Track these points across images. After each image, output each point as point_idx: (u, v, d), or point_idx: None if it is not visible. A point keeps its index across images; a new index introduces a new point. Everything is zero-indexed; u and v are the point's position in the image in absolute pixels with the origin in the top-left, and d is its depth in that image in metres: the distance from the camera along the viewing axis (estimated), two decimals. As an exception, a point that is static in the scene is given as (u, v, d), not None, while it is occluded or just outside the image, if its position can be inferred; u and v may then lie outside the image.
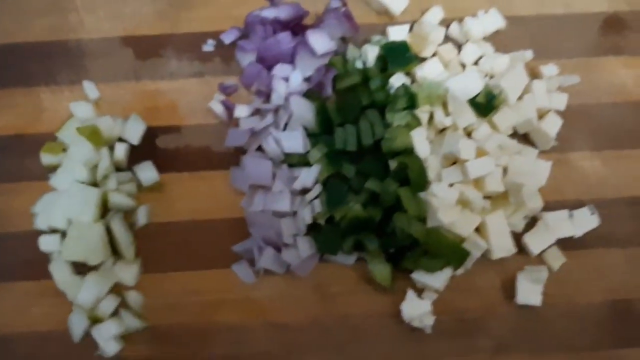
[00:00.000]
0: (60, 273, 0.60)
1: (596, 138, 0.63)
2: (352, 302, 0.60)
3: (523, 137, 0.63)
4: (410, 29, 0.65)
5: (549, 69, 0.63)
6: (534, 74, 0.64)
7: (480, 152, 0.58)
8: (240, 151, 0.63)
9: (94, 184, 0.61)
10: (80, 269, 0.60)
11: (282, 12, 0.64)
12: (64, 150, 0.62)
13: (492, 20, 0.64)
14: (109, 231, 0.61)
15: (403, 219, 0.58)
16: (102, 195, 0.61)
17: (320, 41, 0.61)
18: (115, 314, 0.60)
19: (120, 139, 0.63)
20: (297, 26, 0.64)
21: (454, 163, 0.60)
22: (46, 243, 0.60)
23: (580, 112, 0.63)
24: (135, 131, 0.63)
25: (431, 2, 0.66)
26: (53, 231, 0.61)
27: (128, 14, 0.66)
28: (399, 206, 0.58)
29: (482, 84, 0.60)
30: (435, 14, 0.65)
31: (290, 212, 0.60)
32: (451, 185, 0.59)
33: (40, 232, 0.61)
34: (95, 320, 0.60)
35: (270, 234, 0.60)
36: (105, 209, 0.61)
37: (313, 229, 0.60)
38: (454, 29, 0.65)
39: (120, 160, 0.62)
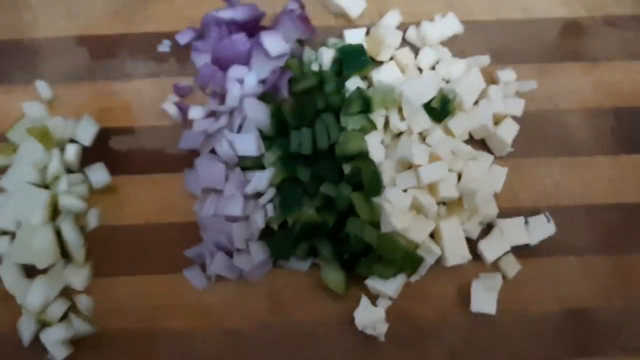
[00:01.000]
0: (9, 276, 0.59)
1: (553, 145, 0.62)
2: (305, 309, 0.59)
3: (479, 143, 0.62)
4: (368, 32, 0.64)
5: (506, 74, 0.63)
6: (491, 80, 0.63)
7: (434, 157, 0.58)
8: (195, 154, 0.62)
9: (45, 185, 0.60)
10: (31, 271, 0.59)
11: (238, 13, 0.63)
12: (14, 151, 0.61)
13: (449, 25, 0.64)
14: (59, 234, 0.60)
15: (356, 224, 0.57)
16: (52, 197, 0.59)
17: (275, 43, 0.61)
18: (64, 318, 0.59)
19: (72, 140, 0.62)
20: (253, 28, 0.64)
21: (409, 168, 0.59)
22: (-6, 245, 0.60)
23: (537, 118, 0.63)
24: (87, 132, 0.62)
25: (389, 5, 0.65)
26: (2, 233, 0.60)
27: (83, 13, 0.65)
28: (353, 211, 0.58)
29: (437, 89, 0.59)
30: (392, 18, 0.64)
31: (242, 216, 0.59)
32: (405, 190, 0.58)
33: (-12, 234, 0.60)
34: (44, 324, 0.58)
35: (222, 238, 0.59)
36: (55, 211, 0.60)
37: (266, 234, 0.59)
38: (412, 33, 0.64)
39: (71, 162, 0.61)
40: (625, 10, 0.65)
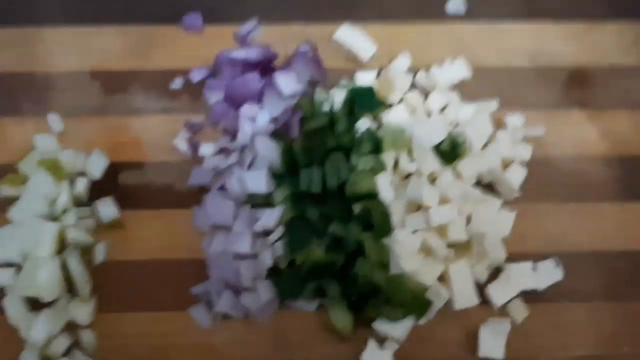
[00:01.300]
0: (14, 308, 0.58)
1: (560, 190, 0.63)
2: (311, 350, 0.59)
3: (487, 187, 0.63)
4: (378, 75, 0.65)
5: (514, 120, 0.63)
6: (499, 124, 0.64)
7: (444, 200, 0.58)
8: (204, 190, 0.62)
9: (53, 218, 0.60)
10: (35, 305, 0.58)
11: (251, 54, 0.64)
12: (24, 182, 0.61)
13: (458, 70, 0.65)
14: (65, 267, 0.59)
15: (365, 265, 0.57)
16: (60, 230, 0.59)
17: (288, 83, 0.62)
18: (67, 353, 0.58)
19: (82, 174, 0.62)
20: (266, 67, 0.64)
21: (419, 209, 0.59)
22: (0, 277, 0.59)
23: (544, 163, 0.63)
24: (97, 166, 0.62)
25: (399, 49, 0.66)
26: (8, 265, 0.59)
27: (97, 49, 0.65)
28: (362, 251, 0.58)
29: (447, 132, 0.60)
30: (402, 62, 0.65)
31: (250, 254, 0.59)
32: (414, 232, 0.58)
33: (-6, 266, 0.59)
34: (47, 359, 0.58)
35: (230, 276, 0.58)
36: (62, 244, 0.60)
37: (274, 273, 0.59)
38: (421, 77, 0.65)
39: (81, 195, 0.61)
40: (630, 60, 0.67)
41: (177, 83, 0.65)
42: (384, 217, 0.58)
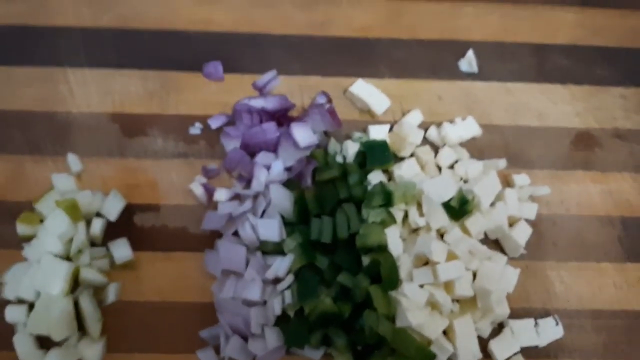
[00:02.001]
0: (24, 346, 0.59)
1: (563, 249, 0.64)
2: (316, 397, 0.60)
3: (494, 243, 0.64)
4: (391, 129, 0.67)
5: (521, 179, 0.65)
6: (506, 182, 0.66)
7: (451, 255, 0.60)
8: (216, 235, 0.63)
9: (67, 257, 0.61)
10: (45, 342, 0.59)
11: (269, 103, 0.66)
12: (41, 221, 0.62)
13: (468, 127, 0.67)
14: (77, 306, 0.60)
15: (372, 316, 0.58)
16: (73, 269, 0.60)
17: (304, 134, 0.63)
18: (75, 392, 0.59)
19: (98, 214, 0.64)
20: (282, 117, 0.66)
21: (426, 263, 0.61)
22: (12, 314, 0.60)
23: (549, 222, 0.65)
24: (113, 207, 0.63)
25: (412, 105, 0.68)
26: (20, 302, 0.60)
27: (118, 91, 0.67)
28: (369, 303, 0.59)
29: (456, 188, 0.62)
30: (415, 117, 0.67)
31: (260, 301, 0.60)
32: (421, 286, 0.59)
33: (8, 302, 0.60)
34: (54, 398, 0.58)
35: (238, 322, 0.59)
36: (75, 283, 0.61)
37: (281, 320, 0.60)
38: (432, 132, 0.67)
39: (96, 236, 0.62)
40: (633, 124, 0.69)
41: (195, 128, 0.66)
42: (392, 270, 0.59)
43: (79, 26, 0.68)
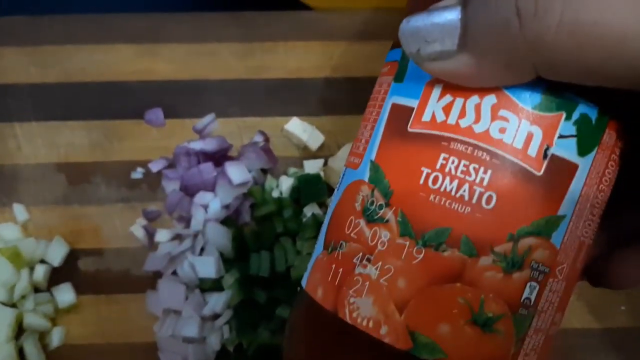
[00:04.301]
0: (-35, 395, 0.60)
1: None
2: None
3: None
4: (326, 163, 0.69)
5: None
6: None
7: (385, 283, 0.60)
8: (159, 275, 0.64)
9: (11, 304, 0.63)
10: (-11, 391, 0.60)
11: (207, 145, 0.68)
12: (-14, 270, 0.64)
13: (400, 158, 0.69)
14: (21, 352, 0.61)
15: (310, 347, 0.58)
16: (17, 315, 0.61)
17: (238, 173, 0.65)
18: None
19: (43, 261, 0.65)
20: (221, 157, 0.68)
21: (363, 292, 0.61)
22: (-45, 363, 0.61)
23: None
24: (57, 253, 0.65)
25: (346, 139, 0.70)
26: (-36, 351, 0.61)
27: (64, 142, 0.70)
28: (307, 334, 0.59)
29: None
30: (348, 150, 0.69)
31: (198, 338, 0.60)
32: (358, 314, 0.60)
33: (-49, 352, 0.61)
34: None
35: None
36: (19, 329, 0.62)
37: (222, 356, 0.60)
38: (367, 164, 0.69)
39: (40, 282, 0.64)
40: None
41: (137, 173, 0.69)
42: (327, 300, 0.60)
43: (26, 82, 0.72)
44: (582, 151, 0.30)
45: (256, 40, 0.74)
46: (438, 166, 0.30)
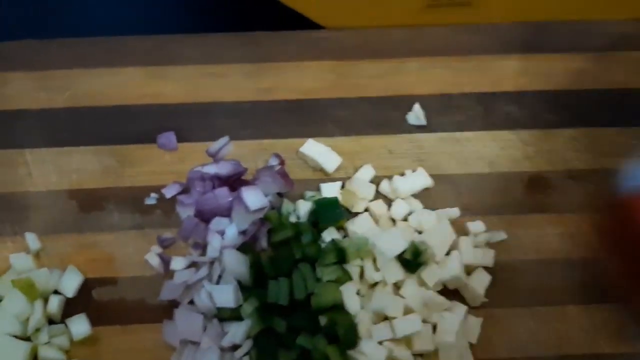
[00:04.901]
0: None
1: (526, 295, 0.63)
2: None
3: (454, 293, 0.63)
4: (343, 185, 0.68)
5: (476, 226, 0.65)
6: (462, 231, 0.66)
7: (408, 309, 0.59)
8: (175, 304, 0.63)
9: (25, 337, 0.61)
10: None
11: (221, 169, 0.67)
12: (-1, 302, 0.63)
13: (419, 179, 0.68)
14: (35, 386, 0.60)
15: (332, 378, 0.57)
16: (32, 348, 0.60)
17: (254, 198, 0.64)
18: None
19: (56, 291, 0.64)
20: (236, 182, 0.67)
21: (386, 318, 0.60)
22: (-31, 398, 0.59)
23: (508, 268, 0.64)
24: (71, 284, 0.63)
25: (363, 161, 0.69)
26: (-23, 386, 0.60)
27: (75, 169, 0.68)
28: (329, 363, 0.58)
29: (408, 241, 0.62)
30: (366, 172, 0.68)
31: (218, 369, 0.59)
32: (381, 342, 0.58)
33: (-36, 386, 0.60)
34: None
35: (197, 392, 0.59)
36: (34, 362, 0.61)
37: (242, 387, 0.59)
38: (385, 186, 0.68)
39: (54, 313, 0.62)
40: (586, 164, 0.69)
41: (151, 199, 0.67)
42: (349, 329, 0.58)
43: (35, 108, 0.71)
44: None
45: (267, 61, 0.73)
46: None
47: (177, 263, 0.64)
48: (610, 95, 0.73)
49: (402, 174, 0.68)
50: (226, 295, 0.61)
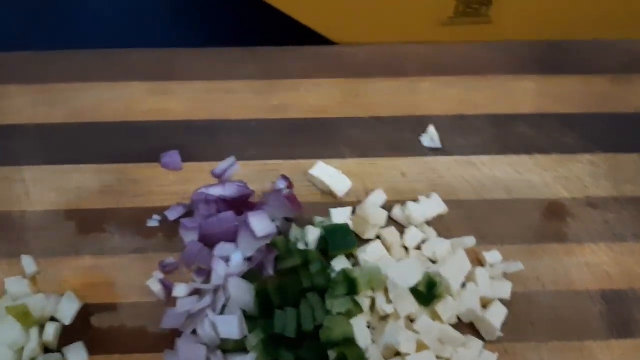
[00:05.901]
0: None
1: (542, 328, 0.61)
2: None
3: (468, 326, 0.61)
4: (354, 210, 0.65)
5: (492, 256, 0.63)
6: (476, 259, 0.63)
7: (421, 345, 0.57)
8: (176, 333, 0.60)
9: (20, 366, 0.59)
10: None
11: (227, 191, 0.64)
12: (-8, 328, 0.60)
13: (433, 205, 0.65)
14: (29, 418, 0.57)
15: (341, 416, 0.55)
16: (26, 378, 0.57)
17: (261, 223, 0.61)
18: None
19: (52, 318, 0.61)
20: (242, 204, 0.64)
21: (397, 353, 0.57)
22: None
23: (525, 300, 0.62)
24: (68, 310, 0.60)
25: (375, 184, 0.67)
26: (-31, 416, 0.57)
27: (74, 187, 0.66)
28: (338, 400, 0.55)
29: (422, 271, 0.59)
30: (378, 197, 0.66)
31: (222, 404, 0.56)
32: (392, 378, 0.56)
33: (-44, 418, 0.57)
34: None
35: None
36: (28, 393, 0.58)
37: (246, 423, 0.56)
38: (397, 211, 0.65)
39: (50, 341, 0.59)
40: (605, 192, 0.67)
41: (153, 221, 0.65)
42: (360, 364, 0.56)
43: (33, 123, 0.68)
44: None
45: (276, 77, 0.70)
46: None
47: (180, 290, 0.61)
48: (631, 119, 0.71)
49: (415, 199, 0.66)
50: (230, 326, 0.58)
